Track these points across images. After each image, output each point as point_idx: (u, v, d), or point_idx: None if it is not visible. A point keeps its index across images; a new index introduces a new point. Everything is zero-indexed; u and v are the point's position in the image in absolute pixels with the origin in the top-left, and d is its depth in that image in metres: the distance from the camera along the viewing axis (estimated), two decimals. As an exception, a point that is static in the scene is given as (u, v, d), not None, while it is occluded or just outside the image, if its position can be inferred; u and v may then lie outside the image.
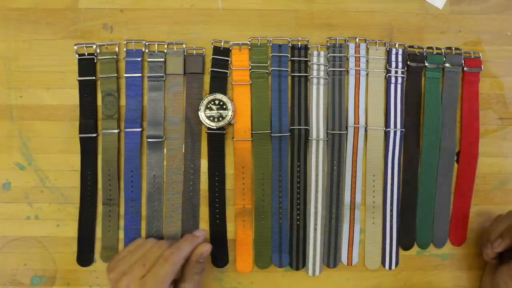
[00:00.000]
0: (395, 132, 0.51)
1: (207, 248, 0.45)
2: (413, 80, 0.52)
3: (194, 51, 0.51)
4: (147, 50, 0.51)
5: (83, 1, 0.51)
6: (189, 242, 0.45)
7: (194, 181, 0.50)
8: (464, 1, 0.53)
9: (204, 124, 0.49)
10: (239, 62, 0.51)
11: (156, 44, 0.51)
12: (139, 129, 0.50)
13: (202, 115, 0.49)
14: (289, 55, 0.51)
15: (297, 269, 0.50)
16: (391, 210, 0.51)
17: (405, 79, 0.51)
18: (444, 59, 0.51)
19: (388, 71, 0.51)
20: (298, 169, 0.50)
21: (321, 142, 0.51)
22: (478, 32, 0.53)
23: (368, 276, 0.51)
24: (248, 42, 0.51)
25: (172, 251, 0.43)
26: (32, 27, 0.51)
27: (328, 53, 0.51)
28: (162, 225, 0.50)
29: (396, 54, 0.51)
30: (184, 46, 0.51)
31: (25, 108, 0.51)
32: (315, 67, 0.51)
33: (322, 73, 0.51)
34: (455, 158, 0.52)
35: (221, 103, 0.49)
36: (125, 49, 0.50)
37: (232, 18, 0.52)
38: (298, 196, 0.50)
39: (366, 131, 0.51)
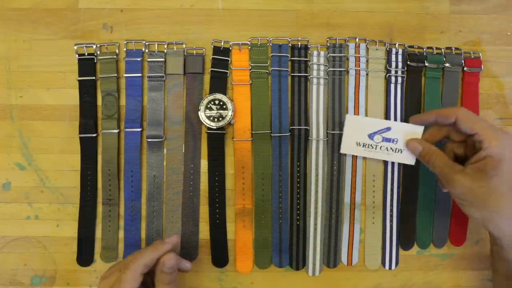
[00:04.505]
0: (395, 132, 0.51)
1: (170, 258, 0.41)
2: (413, 80, 0.52)
3: (194, 51, 0.51)
4: (147, 50, 0.51)
5: (83, 1, 0.51)
6: (152, 249, 0.42)
7: (194, 181, 0.50)
8: (464, 1, 0.53)
9: (204, 124, 0.49)
10: (239, 62, 0.51)
11: (156, 44, 0.51)
12: (139, 129, 0.50)
13: (202, 115, 0.49)
14: (289, 55, 0.51)
15: (297, 269, 0.50)
16: (391, 210, 0.51)
17: (405, 79, 0.51)
18: (444, 59, 0.51)
19: (388, 71, 0.51)
20: (298, 169, 0.50)
21: (321, 142, 0.50)
22: (478, 32, 0.53)
23: (368, 276, 0.51)
24: (248, 42, 0.51)
25: (132, 258, 0.41)
26: (32, 27, 0.51)
27: (328, 53, 0.51)
28: (162, 225, 0.50)
29: (396, 54, 0.51)
30: (184, 46, 0.51)
31: (25, 108, 0.51)
32: (315, 67, 0.51)
33: (322, 73, 0.51)
34: (455, 158, 0.51)
35: (221, 103, 0.49)
36: (125, 49, 0.50)
37: (232, 18, 0.52)
38: (298, 196, 0.50)
39: (366, 131, 0.51)
